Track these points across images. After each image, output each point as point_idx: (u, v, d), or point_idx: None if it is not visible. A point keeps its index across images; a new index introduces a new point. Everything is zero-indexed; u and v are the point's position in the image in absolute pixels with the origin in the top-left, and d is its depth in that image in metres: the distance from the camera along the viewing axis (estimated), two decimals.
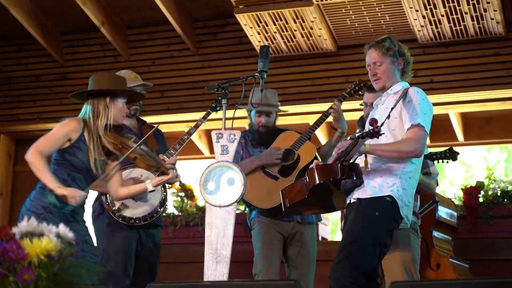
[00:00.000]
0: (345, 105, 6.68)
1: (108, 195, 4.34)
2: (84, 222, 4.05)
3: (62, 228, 2.27)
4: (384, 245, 3.71)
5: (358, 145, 3.60)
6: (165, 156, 4.42)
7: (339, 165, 3.66)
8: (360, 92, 4.87)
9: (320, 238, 6.59)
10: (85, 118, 4.01)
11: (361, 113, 6.82)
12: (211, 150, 8.02)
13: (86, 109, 4.05)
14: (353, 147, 3.62)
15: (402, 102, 3.80)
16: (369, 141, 3.65)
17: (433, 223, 5.32)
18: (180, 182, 4.66)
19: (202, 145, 7.89)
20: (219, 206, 3.92)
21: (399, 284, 2.83)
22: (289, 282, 2.98)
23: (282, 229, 4.75)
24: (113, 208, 4.38)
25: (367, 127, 3.58)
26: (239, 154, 4.85)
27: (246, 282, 3.21)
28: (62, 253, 2.21)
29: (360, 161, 3.79)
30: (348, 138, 3.72)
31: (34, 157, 3.84)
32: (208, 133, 8.08)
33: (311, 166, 3.83)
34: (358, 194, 3.79)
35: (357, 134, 3.62)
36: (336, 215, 6.50)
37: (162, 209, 4.53)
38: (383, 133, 3.57)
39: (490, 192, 6.06)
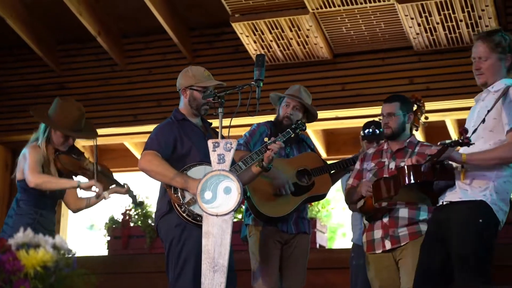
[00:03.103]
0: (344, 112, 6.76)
1: (174, 187, 4.12)
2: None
3: (59, 239, 2.30)
4: (492, 249, 3.59)
5: (447, 151, 3.47)
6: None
7: (431, 167, 3.55)
8: (298, 132, 4.67)
9: (317, 246, 6.62)
10: (38, 144, 4.46)
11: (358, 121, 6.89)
12: None
13: (39, 129, 4.53)
14: (442, 154, 3.49)
15: (502, 102, 3.57)
16: (464, 149, 3.51)
17: None
18: (133, 197, 4.67)
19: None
20: (216, 215, 3.88)
21: None
22: None
23: (280, 236, 4.74)
24: (182, 201, 4.10)
25: (469, 124, 3.48)
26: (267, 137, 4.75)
27: None
28: (59, 264, 2.23)
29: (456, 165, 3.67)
30: (438, 143, 3.58)
31: (37, 177, 4.28)
32: None
33: (402, 165, 3.78)
34: (450, 197, 3.66)
35: (447, 141, 3.48)
36: (333, 223, 6.49)
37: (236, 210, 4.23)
38: (473, 143, 3.42)
39: None
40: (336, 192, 7.69)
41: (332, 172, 4.96)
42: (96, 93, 7.39)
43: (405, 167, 3.65)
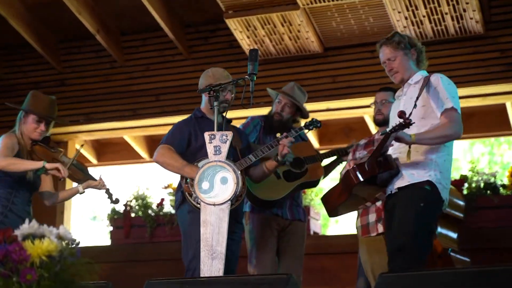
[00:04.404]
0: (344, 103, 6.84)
1: (187, 178, 4.26)
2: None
3: (63, 230, 2.34)
4: (433, 232, 3.81)
5: (389, 139, 3.66)
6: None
7: (374, 161, 3.73)
8: (311, 129, 4.76)
9: (312, 233, 6.68)
10: (15, 133, 4.47)
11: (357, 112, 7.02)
12: (151, 155, 8.15)
13: (16, 121, 4.54)
14: (385, 142, 3.68)
15: (427, 91, 3.82)
16: (406, 131, 3.66)
17: (439, 218, 5.04)
18: (110, 194, 4.78)
19: (140, 150, 8.09)
20: (213, 205, 4.02)
21: (387, 275, 2.81)
22: (281, 275, 2.94)
23: (276, 222, 4.81)
24: (192, 189, 4.20)
25: (395, 120, 3.62)
26: (256, 136, 4.88)
27: (241, 277, 3.23)
28: (63, 254, 2.27)
29: (399, 152, 3.84)
30: (380, 133, 3.75)
31: (2, 160, 4.30)
32: (146, 138, 8.19)
33: (347, 168, 3.90)
34: (398, 183, 3.83)
35: (388, 129, 3.68)
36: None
37: (241, 199, 4.31)
38: (414, 122, 3.60)
39: (473, 185, 6.16)
40: (331, 182, 7.83)
41: (326, 164, 5.05)
42: (96, 89, 7.44)
43: (351, 168, 3.83)
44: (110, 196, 4.70)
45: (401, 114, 3.57)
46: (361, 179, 3.78)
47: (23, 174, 4.42)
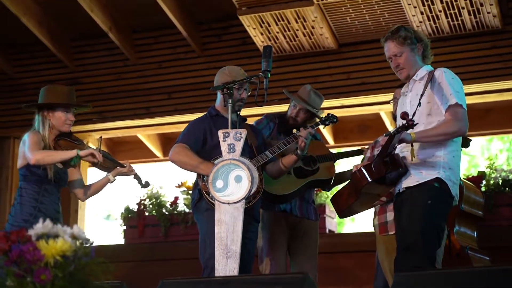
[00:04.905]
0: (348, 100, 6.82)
1: (204, 176, 4.22)
2: None
3: (77, 230, 2.33)
4: (442, 229, 3.76)
5: (394, 140, 3.63)
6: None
7: (381, 162, 3.71)
8: (328, 124, 4.77)
9: (327, 231, 6.66)
10: (38, 131, 4.39)
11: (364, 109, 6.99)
12: (165, 153, 8.15)
13: (34, 120, 4.45)
14: (390, 143, 3.64)
15: (431, 86, 3.78)
16: (410, 130, 3.66)
17: (457, 216, 5.16)
18: (139, 178, 4.70)
19: (154, 148, 8.07)
20: (228, 203, 4.01)
21: (403, 275, 2.80)
22: (297, 275, 2.91)
23: (285, 219, 4.78)
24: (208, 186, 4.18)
25: (399, 121, 3.60)
26: (269, 133, 4.84)
27: (257, 276, 3.20)
28: (77, 253, 2.27)
29: (406, 150, 3.81)
30: (384, 135, 3.74)
31: (36, 153, 4.21)
32: (159, 136, 8.21)
33: (354, 169, 3.88)
34: (406, 183, 3.79)
35: (391, 130, 3.65)
36: None
37: (256, 200, 4.24)
38: (417, 123, 3.59)
39: (492, 182, 6.12)
40: None
41: (342, 172, 4.95)
42: (109, 87, 7.44)
43: (358, 170, 3.80)
44: (139, 180, 4.65)
45: (404, 115, 3.55)
46: (369, 180, 3.76)
47: (46, 171, 4.35)
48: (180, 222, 6.90)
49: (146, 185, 4.68)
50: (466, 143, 4.97)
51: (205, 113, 4.55)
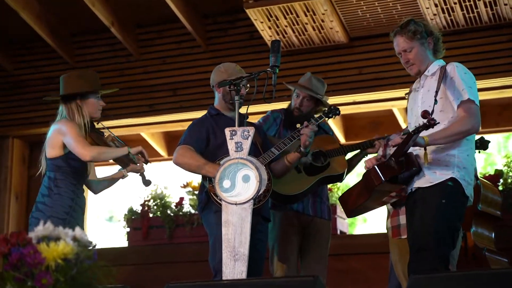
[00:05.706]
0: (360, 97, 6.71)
1: (211, 178, 4.16)
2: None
3: (78, 231, 2.31)
4: (457, 230, 3.72)
5: (413, 139, 3.58)
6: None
7: (396, 161, 3.69)
8: (331, 117, 4.69)
9: (338, 232, 6.62)
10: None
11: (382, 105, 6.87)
12: (169, 152, 8.05)
13: (61, 111, 4.34)
14: (408, 142, 3.60)
15: (443, 82, 3.74)
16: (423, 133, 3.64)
17: (474, 216, 5.11)
18: (144, 177, 4.56)
19: (158, 147, 8.03)
20: (235, 204, 3.95)
21: (418, 277, 2.81)
22: (307, 277, 2.94)
23: (298, 219, 4.73)
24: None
25: (413, 113, 3.58)
26: (276, 130, 4.80)
27: (266, 279, 3.22)
28: (79, 256, 2.24)
29: (419, 148, 3.77)
30: (402, 133, 3.70)
31: (90, 150, 4.11)
32: (164, 135, 8.17)
33: (368, 167, 3.85)
34: (419, 183, 3.75)
35: (410, 129, 3.61)
36: None
37: (266, 199, 4.17)
38: (438, 123, 3.56)
39: (509, 180, 6.09)
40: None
41: (350, 158, 4.91)
42: (111, 84, 7.28)
43: (372, 168, 3.78)
44: (144, 178, 4.59)
45: (425, 113, 3.52)
46: (383, 180, 3.74)
47: (84, 164, 4.26)
48: (186, 224, 6.84)
49: (148, 183, 4.63)
50: (484, 145, 4.92)
51: (205, 113, 4.52)
